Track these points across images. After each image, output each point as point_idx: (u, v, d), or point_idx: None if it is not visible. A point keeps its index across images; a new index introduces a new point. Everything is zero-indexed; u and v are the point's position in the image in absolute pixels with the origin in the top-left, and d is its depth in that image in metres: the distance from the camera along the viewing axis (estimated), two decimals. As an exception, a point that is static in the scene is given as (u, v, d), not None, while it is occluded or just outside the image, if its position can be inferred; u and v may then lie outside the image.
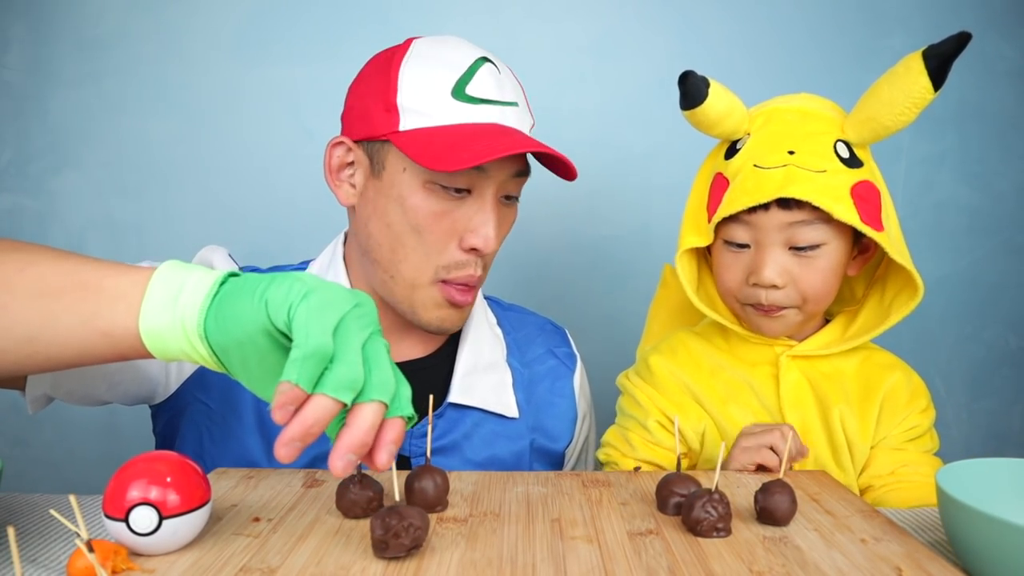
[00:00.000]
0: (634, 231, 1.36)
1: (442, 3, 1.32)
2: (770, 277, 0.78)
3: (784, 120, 0.82)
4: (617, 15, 1.33)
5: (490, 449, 0.83)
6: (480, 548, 0.53)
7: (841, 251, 0.80)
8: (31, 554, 0.55)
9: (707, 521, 0.56)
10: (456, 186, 0.75)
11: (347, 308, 0.48)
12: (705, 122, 0.82)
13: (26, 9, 1.30)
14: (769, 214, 0.78)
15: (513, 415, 0.85)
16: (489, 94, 0.76)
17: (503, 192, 0.78)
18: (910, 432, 0.83)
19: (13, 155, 1.32)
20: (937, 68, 0.73)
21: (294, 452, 0.46)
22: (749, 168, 0.79)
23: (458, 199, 0.76)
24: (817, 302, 0.81)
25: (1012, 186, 1.39)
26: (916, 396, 0.85)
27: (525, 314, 0.96)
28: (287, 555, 0.52)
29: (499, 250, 0.82)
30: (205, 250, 0.82)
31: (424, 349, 0.86)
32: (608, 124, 1.34)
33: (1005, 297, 1.40)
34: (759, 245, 0.80)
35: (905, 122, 0.76)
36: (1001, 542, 0.49)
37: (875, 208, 0.78)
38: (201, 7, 1.30)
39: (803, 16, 1.33)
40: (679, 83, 0.81)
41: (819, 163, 0.77)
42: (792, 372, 0.84)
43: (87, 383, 0.72)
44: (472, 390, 0.83)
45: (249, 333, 0.48)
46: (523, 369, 0.89)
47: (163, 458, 0.52)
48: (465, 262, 0.77)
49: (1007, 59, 1.36)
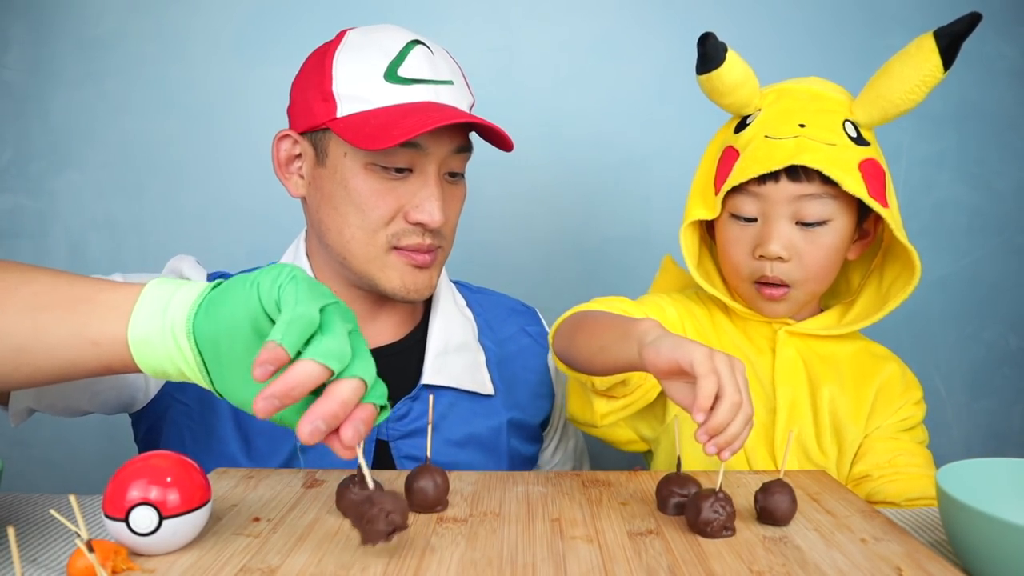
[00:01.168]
0: (634, 232, 1.36)
1: (442, 3, 1.32)
2: (776, 249, 0.79)
3: (795, 97, 0.83)
4: (617, 15, 1.33)
5: (467, 427, 0.84)
6: (480, 548, 0.54)
7: (846, 230, 0.81)
8: (31, 554, 0.55)
9: (716, 522, 0.56)
10: (396, 165, 0.76)
11: (332, 299, 0.49)
12: (720, 88, 0.82)
13: (26, 9, 1.30)
14: (779, 185, 0.79)
15: (489, 392, 0.86)
16: (422, 74, 0.77)
17: (446, 169, 0.80)
18: (904, 422, 0.84)
19: (13, 155, 1.32)
20: (948, 47, 0.74)
21: (271, 408, 0.45)
22: (760, 139, 0.80)
23: (400, 178, 0.78)
24: (818, 280, 0.82)
25: (1012, 186, 1.39)
26: (910, 387, 0.86)
27: (494, 295, 0.98)
28: (287, 555, 0.52)
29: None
30: (173, 260, 0.84)
31: (394, 334, 0.87)
32: (608, 124, 1.34)
33: (1005, 297, 1.40)
34: (766, 218, 0.80)
35: (914, 101, 0.78)
36: (1001, 542, 0.49)
37: (881, 185, 0.79)
38: (202, 7, 1.30)
39: (803, 16, 1.33)
40: (698, 44, 0.81)
41: (829, 136, 0.79)
42: (788, 348, 0.85)
43: (68, 395, 0.72)
44: (444, 370, 0.84)
45: (238, 319, 0.48)
46: (496, 348, 0.90)
47: (163, 458, 0.52)
48: (412, 231, 0.78)
49: (1007, 59, 1.36)
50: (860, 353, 0.87)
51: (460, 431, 0.84)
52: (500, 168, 1.34)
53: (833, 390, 0.84)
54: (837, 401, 0.83)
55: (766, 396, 0.84)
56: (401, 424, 0.81)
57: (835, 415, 0.83)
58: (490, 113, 1.32)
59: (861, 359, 0.87)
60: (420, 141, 0.76)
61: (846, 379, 0.85)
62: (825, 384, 0.84)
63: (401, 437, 0.81)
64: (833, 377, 0.84)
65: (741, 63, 0.82)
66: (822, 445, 0.83)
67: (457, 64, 0.84)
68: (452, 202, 0.82)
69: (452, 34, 1.33)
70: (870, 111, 0.80)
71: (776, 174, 0.79)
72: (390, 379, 0.82)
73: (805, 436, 0.83)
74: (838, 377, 0.85)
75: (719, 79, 0.81)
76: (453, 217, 0.83)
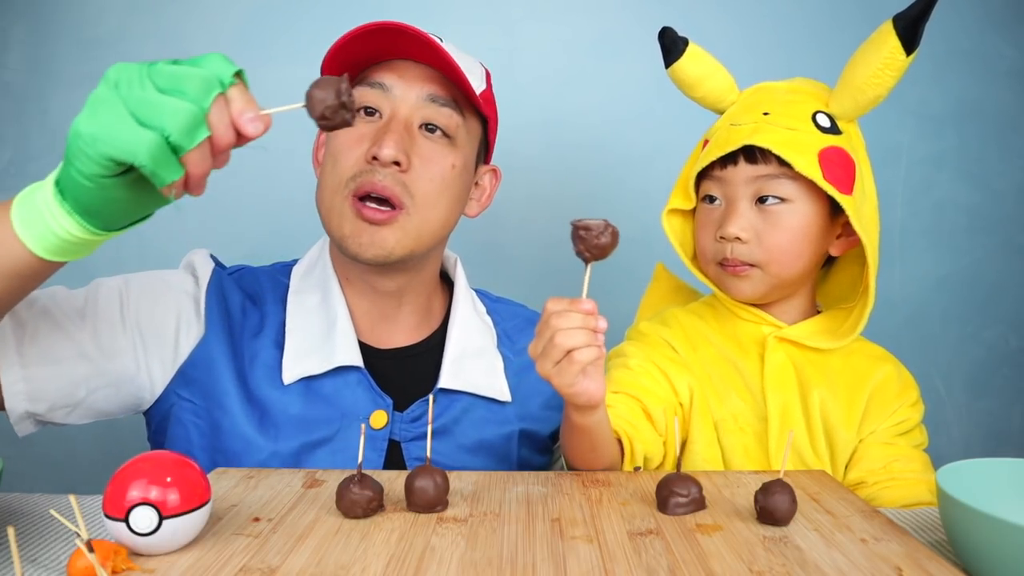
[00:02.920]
0: (634, 231, 1.35)
1: (442, 3, 1.32)
2: (733, 231, 0.81)
3: (770, 92, 0.86)
4: (617, 15, 1.33)
5: (479, 433, 0.84)
6: (480, 548, 0.54)
7: (810, 215, 0.81)
8: (31, 554, 0.55)
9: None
10: (361, 104, 0.77)
11: (116, 78, 0.49)
12: (686, 80, 0.87)
13: (26, 9, 1.30)
14: (738, 168, 0.81)
15: (506, 399, 0.86)
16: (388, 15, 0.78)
17: (420, 119, 0.79)
18: (900, 426, 0.83)
19: (13, 155, 1.32)
20: (905, 29, 0.76)
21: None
22: (726, 127, 0.84)
23: (371, 122, 0.78)
24: (781, 264, 0.82)
25: (1012, 186, 1.39)
26: (906, 389, 0.85)
27: (513, 306, 0.98)
28: (287, 555, 0.52)
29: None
30: (190, 254, 0.86)
31: (413, 337, 0.87)
32: (608, 124, 1.34)
33: (1005, 297, 1.40)
34: (728, 200, 0.83)
35: (881, 86, 0.79)
36: (1001, 542, 0.49)
37: (845, 174, 0.79)
38: (201, 7, 1.30)
39: (803, 16, 1.33)
40: (658, 38, 0.87)
41: (792, 123, 0.80)
42: (778, 353, 0.85)
43: (64, 388, 0.72)
44: (462, 375, 0.83)
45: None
46: (514, 357, 0.89)
47: (163, 458, 0.52)
48: (368, 170, 0.76)
49: (1007, 59, 1.36)
50: (853, 355, 0.86)
51: (472, 436, 0.83)
52: (500, 168, 1.34)
53: (824, 394, 0.83)
54: (828, 406, 0.82)
55: (756, 404, 0.83)
56: (415, 426, 0.81)
57: (827, 420, 0.82)
58: (490, 113, 1.33)
59: (854, 361, 0.86)
60: (383, 80, 0.77)
61: (837, 383, 0.84)
62: (815, 388, 0.83)
63: (413, 439, 0.80)
64: (823, 381, 0.84)
65: (704, 57, 0.86)
66: (816, 450, 0.82)
67: (481, 68, 0.85)
68: (426, 159, 0.78)
69: (452, 34, 1.32)
70: (842, 101, 0.81)
71: (735, 157, 0.81)
72: (407, 381, 0.83)
73: (799, 441, 0.82)
74: (829, 381, 0.84)
75: (682, 71, 0.86)
76: (424, 175, 0.78)
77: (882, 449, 0.81)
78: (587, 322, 0.62)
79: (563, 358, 0.61)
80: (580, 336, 0.61)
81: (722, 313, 0.89)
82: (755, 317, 0.86)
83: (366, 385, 0.80)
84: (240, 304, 0.82)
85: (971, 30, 1.36)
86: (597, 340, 0.62)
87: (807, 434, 0.83)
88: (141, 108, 0.47)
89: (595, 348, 0.62)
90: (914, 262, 1.39)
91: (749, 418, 0.83)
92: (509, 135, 1.37)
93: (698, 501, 0.61)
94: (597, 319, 0.62)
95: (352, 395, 0.79)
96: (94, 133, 0.47)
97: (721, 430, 0.83)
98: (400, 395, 0.81)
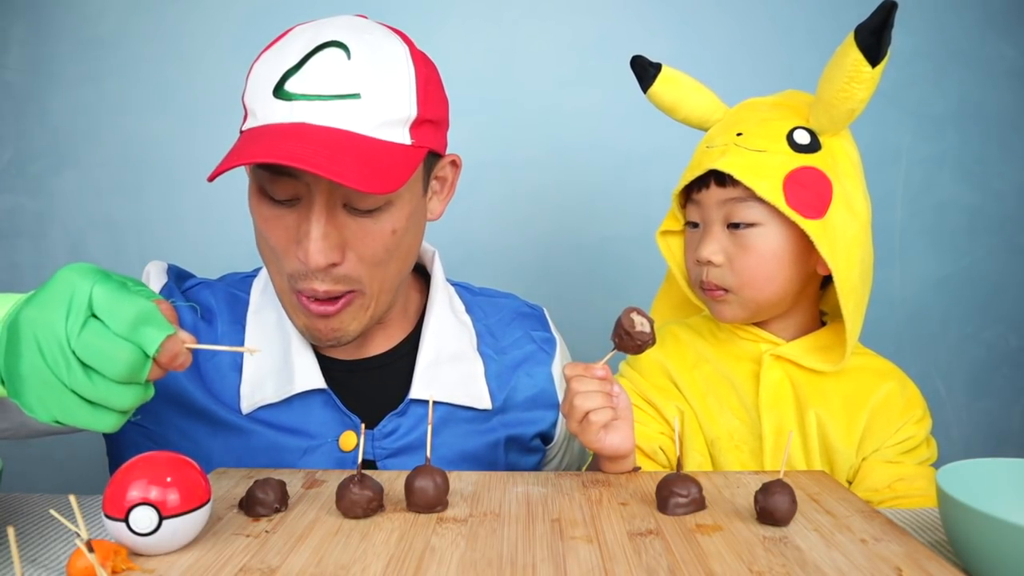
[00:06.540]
0: (634, 232, 1.36)
1: (442, 3, 1.32)
2: (706, 254, 0.81)
3: (752, 108, 0.85)
4: (617, 15, 1.33)
5: (461, 444, 0.79)
6: (480, 548, 0.53)
7: (780, 238, 0.80)
8: (31, 554, 0.55)
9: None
10: (275, 196, 0.68)
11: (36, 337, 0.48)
12: (664, 105, 0.88)
13: (26, 9, 1.30)
14: (710, 191, 0.82)
15: (485, 406, 0.80)
16: (310, 88, 0.65)
17: (345, 200, 0.67)
18: (904, 444, 0.81)
19: (13, 155, 1.32)
20: (864, 40, 0.74)
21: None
22: (701, 149, 0.84)
23: (288, 206, 0.68)
24: (755, 287, 0.81)
25: (1012, 186, 1.39)
26: (910, 406, 0.83)
27: (498, 297, 0.91)
28: (287, 555, 0.52)
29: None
30: (147, 266, 0.81)
31: (383, 345, 0.81)
32: (608, 125, 1.34)
33: (1005, 297, 1.40)
34: (704, 223, 0.83)
35: (848, 98, 0.76)
36: (1001, 542, 0.49)
37: (816, 196, 0.78)
38: (201, 7, 1.30)
39: (803, 16, 1.33)
40: (630, 65, 0.87)
41: (762, 144, 0.79)
42: (774, 371, 0.83)
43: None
44: (435, 383, 0.78)
45: None
46: (497, 357, 0.84)
47: (163, 458, 0.52)
48: (305, 273, 0.68)
49: (1007, 59, 1.36)
50: (855, 371, 0.83)
51: (453, 449, 0.78)
52: (500, 168, 1.34)
53: (821, 413, 0.81)
54: (826, 424, 0.81)
55: (752, 422, 0.82)
56: (388, 442, 0.76)
57: (824, 439, 0.81)
58: (490, 113, 1.34)
59: (856, 377, 0.83)
60: (292, 170, 0.64)
61: (836, 401, 0.82)
62: (812, 407, 0.81)
63: (388, 456, 0.75)
64: (821, 399, 0.82)
65: (678, 80, 0.87)
66: (813, 468, 0.81)
67: (408, 71, 0.69)
68: (361, 239, 0.68)
69: (452, 34, 1.33)
70: (819, 116, 0.80)
71: (707, 180, 0.81)
72: (378, 394, 0.79)
73: (796, 460, 0.81)
74: (826, 399, 0.82)
75: (657, 96, 0.87)
76: (365, 255, 0.69)
77: (886, 468, 0.79)
78: (602, 386, 0.68)
79: (583, 418, 0.68)
80: (596, 399, 0.68)
81: (720, 329, 0.88)
82: (752, 335, 0.86)
83: (332, 405, 0.75)
84: (191, 324, 0.77)
85: (971, 30, 1.36)
86: (611, 402, 0.68)
87: (803, 454, 0.82)
88: (83, 389, 0.48)
89: (609, 410, 0.68)
90: (914, 262, 1.39)
91: (745, 436, 0.82)
92: (509, 135, 1.37)
93: (698, 501, 0.61)
94: (611, 384, 0.69)
95: (318, 419, 0.75)
96: (35, 409, 0.49)
97: (716, 448, 0.83)
98: (371, 410, 0.76)
